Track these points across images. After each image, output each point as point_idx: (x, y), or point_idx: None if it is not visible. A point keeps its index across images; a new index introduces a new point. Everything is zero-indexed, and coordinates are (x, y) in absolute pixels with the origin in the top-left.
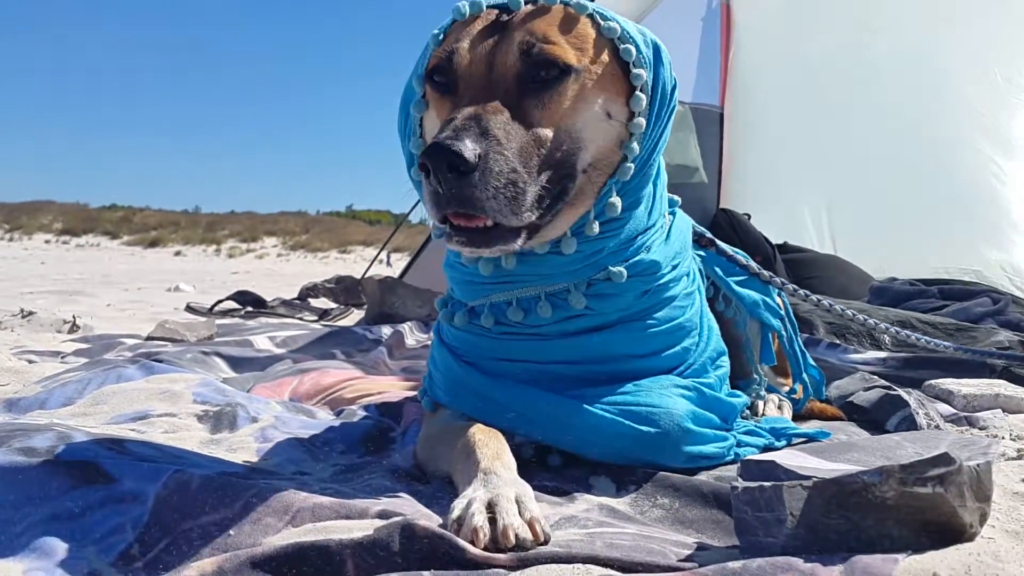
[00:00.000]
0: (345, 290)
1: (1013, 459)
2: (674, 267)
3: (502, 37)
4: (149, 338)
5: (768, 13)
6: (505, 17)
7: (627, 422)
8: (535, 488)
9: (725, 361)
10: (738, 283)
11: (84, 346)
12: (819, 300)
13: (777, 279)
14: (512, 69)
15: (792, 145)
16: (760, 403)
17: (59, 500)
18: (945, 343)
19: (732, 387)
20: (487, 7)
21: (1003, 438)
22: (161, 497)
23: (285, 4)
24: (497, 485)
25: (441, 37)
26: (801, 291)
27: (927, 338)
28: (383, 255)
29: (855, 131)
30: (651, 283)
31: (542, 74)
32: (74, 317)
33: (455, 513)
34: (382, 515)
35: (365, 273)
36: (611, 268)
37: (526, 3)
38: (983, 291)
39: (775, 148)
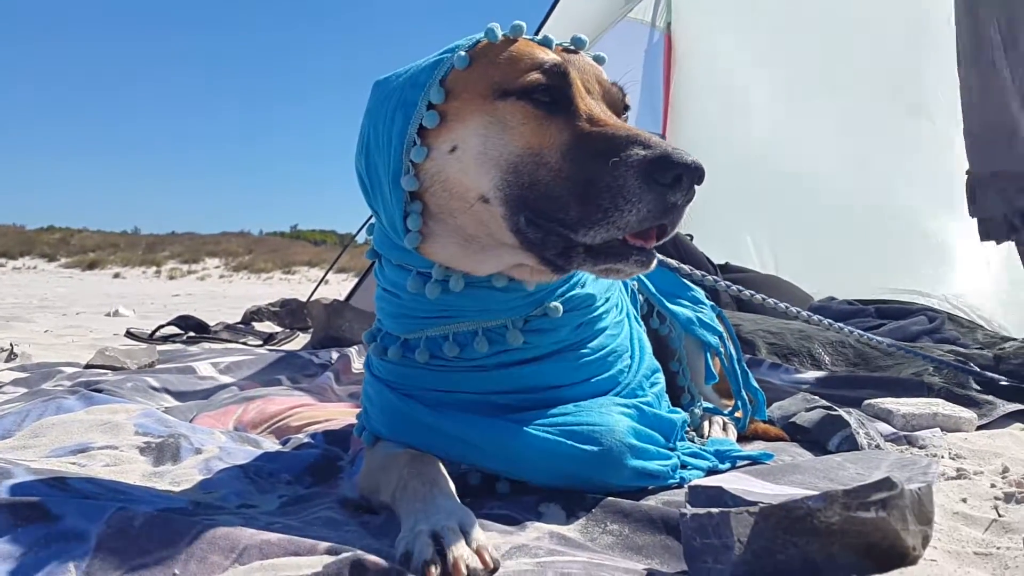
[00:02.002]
0: (290, 313)
1: (953, 478)
2: (606, 299)
3: (588, 71)
4: (88, 366)
5: (709, 44)
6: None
7: (569, 442)
8: (485, 517)
9: (660, 378)
10: (672, 302)
11: (22, 375)
12: (752, 294)
13: (710, 277)
14: (616, 104)
15: (734, 170)
16: (706, 425)
17: None
18: (879, 338)
19: (672, 405)
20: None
21: (942, 457)
22: (104, 536)
23: (223, 20)
24: (439, 514)
25: (467, 58)
26: (734, 287)
27: (859, 331)
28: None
29: (795, 157)
30: (585, 316)
31: (627, 113)
32: (11, 345)
33: (401, 548)
34: (331, 551)
35: (311, 296)
36: (548, 304)
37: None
38: (919, 310)
39: (717, 173)
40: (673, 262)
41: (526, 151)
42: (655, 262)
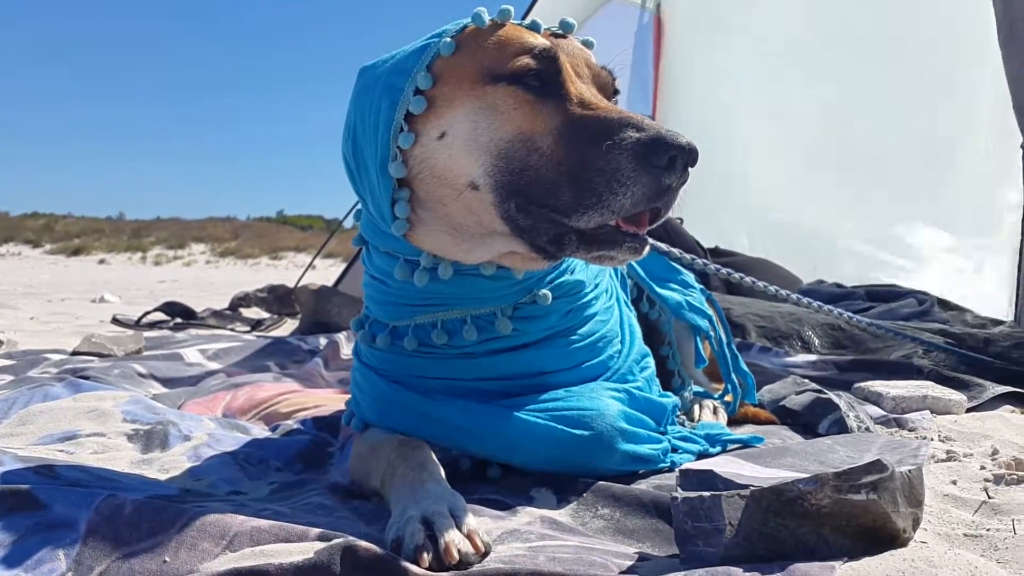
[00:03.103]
0: (278, 299)
1: (942, 460)
2: (596, 285)
3: (577, 55)
4: (75, 353)
5: (698, 27)
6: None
7: (560, 426)
8: (477, 502)
9: (650, 362)
10: (662, 286)
11: (8, 362)
12: (742, 277)
13: (700, 260)
14: (606, 88)
15: (723, 151)
16: (696, 408)
17: None
18: (870, 320)
19: (662, 389)
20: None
21: (932, 439)
22: (94, 524)
23: (209, 5)
24: (429, 500)
25: (454, 44)
26: (724, 270)
27: (848, 314)
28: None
29: (784, 140)
30: (575, 302)
31: (616, 96)
32: None
33: (392, 533)
34: (322, 537)
35: (298, 282)
36: (537, 291)
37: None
38: (909, 292)
39: (706, 155)
40: (663, 245)
41: (517, 136)
42: (648, 248)
